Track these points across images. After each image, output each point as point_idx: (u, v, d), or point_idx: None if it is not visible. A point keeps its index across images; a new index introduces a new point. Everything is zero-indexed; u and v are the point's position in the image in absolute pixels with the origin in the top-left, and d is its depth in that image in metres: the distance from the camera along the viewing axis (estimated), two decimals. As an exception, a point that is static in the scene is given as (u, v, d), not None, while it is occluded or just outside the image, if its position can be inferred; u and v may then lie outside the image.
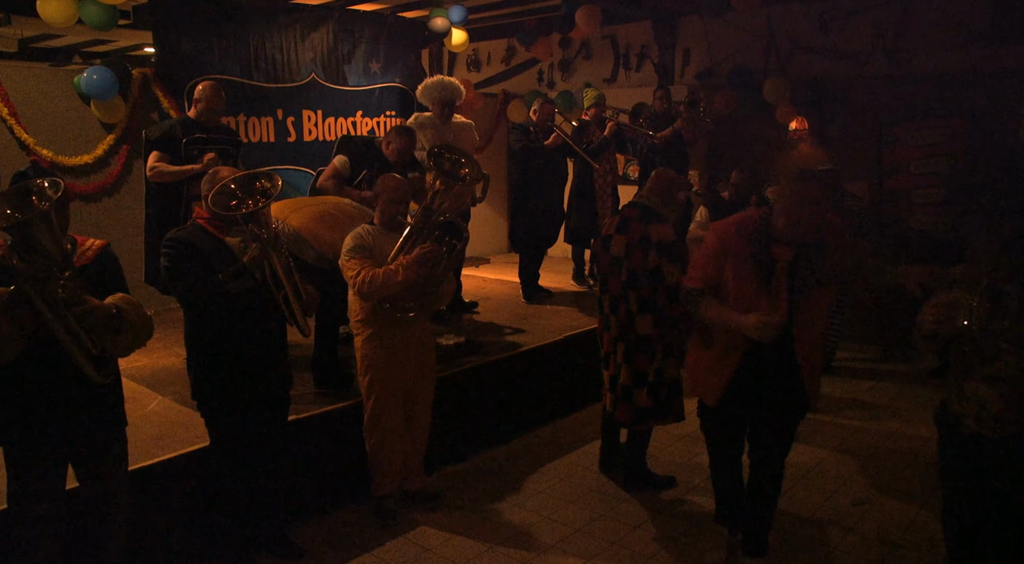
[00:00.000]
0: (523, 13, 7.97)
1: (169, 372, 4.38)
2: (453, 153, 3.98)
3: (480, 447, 4.71)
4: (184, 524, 3.37)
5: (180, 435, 3.56)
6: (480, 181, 4.10)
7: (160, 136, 4.54)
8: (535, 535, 3.73)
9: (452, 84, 5.54)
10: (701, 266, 3.07)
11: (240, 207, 3.02)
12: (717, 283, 3.02)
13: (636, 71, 8.58)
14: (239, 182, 3.09)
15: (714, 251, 3.03)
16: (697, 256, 3.12)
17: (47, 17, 5.11)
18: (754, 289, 2.94)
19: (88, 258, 2.63)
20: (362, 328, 3.70)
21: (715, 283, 3.03)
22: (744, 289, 2.96)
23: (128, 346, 2.59)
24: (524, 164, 6.19)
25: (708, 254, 3.05)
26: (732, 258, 2.98)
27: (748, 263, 2.95)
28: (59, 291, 2.37)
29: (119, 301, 2.56)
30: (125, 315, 2.52)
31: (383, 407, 3.71)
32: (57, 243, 2.40)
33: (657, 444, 4.41)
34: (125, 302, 2.57)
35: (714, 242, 3.05)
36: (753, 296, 2.93)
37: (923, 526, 3.80)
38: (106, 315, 2.47)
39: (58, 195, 2.39)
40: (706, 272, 3.04)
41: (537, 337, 5.30)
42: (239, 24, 5.98)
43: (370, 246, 3.59)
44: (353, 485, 3.96)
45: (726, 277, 3.00)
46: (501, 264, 8.14)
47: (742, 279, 2.96)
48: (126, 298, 2.60)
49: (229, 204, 3.02)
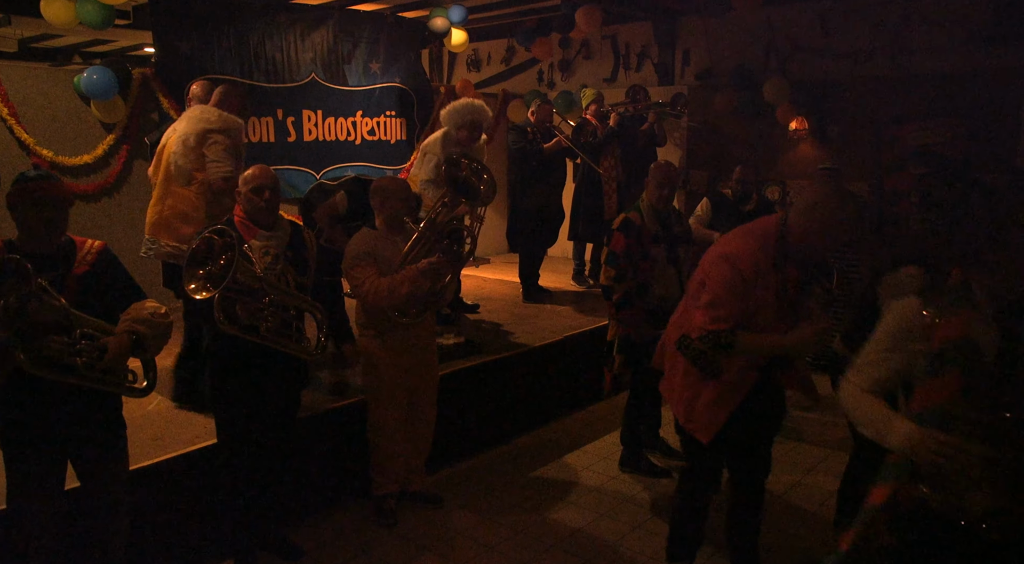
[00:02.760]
0: (523, 13, 7.97)
1: (170, 372, 4.36)
2: (472, 163, 3.89)
3: (480, 447, 4.71)
4: (184, 524, 3.37)
5: (180, 435, 3.56)
6: (489, 202, 4.03)
7: (160, 138, 4.54)
8: (535, 535, 3.73)
9: (481, 107, 5.31)
10: (728, 303, 2.67)
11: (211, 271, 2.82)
12: (744, 318, 2.70)
13: (636, 71, 8.58)
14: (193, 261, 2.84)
15: (743, 283, 2.67)
16: (721, 294, 2.69)
17: (50, 18, 5.11)
18: (773, 312, 2.72)
19: (88, 263, 2.59)
20: (364, 329, 3.70)
21: (742, 318, 2.70)
22: (765, 314, 2.71)
23: (155, 353, 2.69)
24: (522, 165, 6.20)
25: (736, 289, 2.67)
26: (761, 285, 2.68)
27: (774, 285, 2.70)
28: (78, 361, 2.40)
29: (132, 324, 2.54)
30: (142, 334, 2.54)
31: (385, 408, 3.71)
32: (57, 310, 2.36)
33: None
34: (139, 322, 2.55)
35: (743, 274, 2.67)
36: (771, 320, 2.72)
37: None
38: (127, 349, 2.52)
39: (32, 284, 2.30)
40: (736, 309, 2.68)
41: (537, 337, 5.30)
42: (239, 24, 5.98)
43: (372, 251, 3.55)
44: (353, 485, 3.96)
45: (753, 308, 2.71)
46: (501, 264, 8.13)
47: (765, 303, 2.71)
48: (138, 316, 2.57)
49: (198, 274, 2.83)
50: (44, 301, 2.32)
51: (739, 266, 2.67)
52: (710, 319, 2.68)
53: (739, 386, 2.83)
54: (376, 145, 7.00)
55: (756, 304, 2.70)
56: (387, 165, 7.05)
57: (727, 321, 2.66)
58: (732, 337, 2.65)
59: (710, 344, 2.69)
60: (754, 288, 2.67)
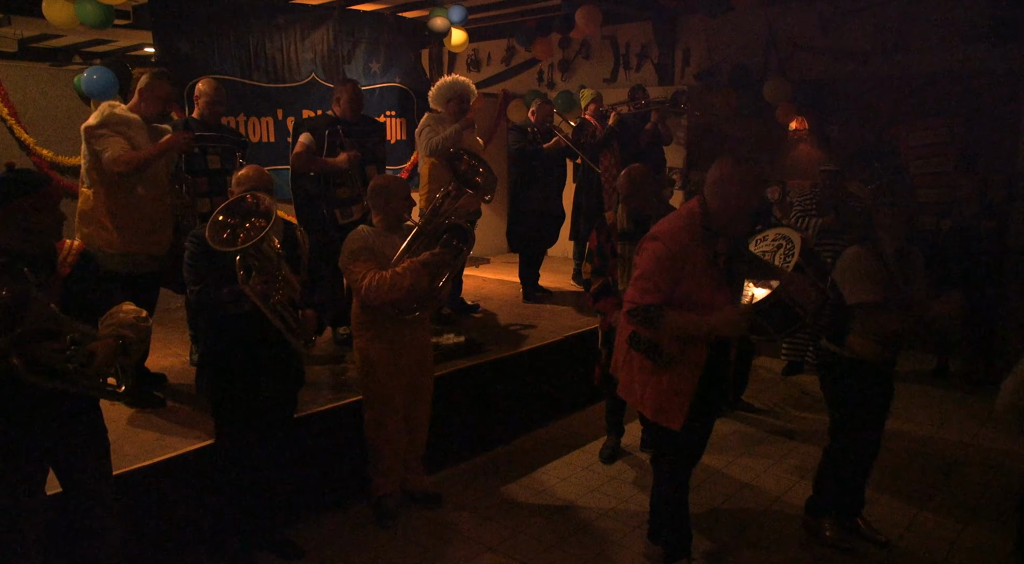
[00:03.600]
0: (523, 13, 7.98)
1: (169, 372, 4.37)
2: (472, 159, 3.95)
3: (480, 447, 4.71)
4: (184, 524, 3.37)
5: (180, 435, 3.55)
6: (493, 191, 4.08)
7: None
8: (535, 535, 3.73)
9: (465, 82, 5.56)
10: (655, 276, 2.78)
11: (234, 240, 2.90)
12: (672, 294, 2.80)
13: (636, 71, 8.58)
14: (227, 210, 2.95)
15: (671, 259, 2.78)
16: (649, 267, 2.81)
17: (52, 18, 5.11)
18: (711, 288, 2.80)
19: (69, 265, 2.54)
20: (362, 329, 3.69)
21: (671, 295, 2.80)
22: (702, 291, 2.80)
23: (136, 358, 2.65)
24: (522, 165, 6.20)
25: (664, 264, 2.78)
26: (690, 262, 2.79)
27: (703, 261, 2.80)
28: (69, 367, 2.35)
29: (117, 329, 2.50)
30: (127, 340, 2.51)
31: (383, 407, 3.71)
32: (47, 314, 2.32)
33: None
34: (124, 327, 2.52)
35: (670, 250, 2.78)
36: (709, 296, 2.79)
37: (923, 526, 3.80)
38: (113, 355, 2.46)
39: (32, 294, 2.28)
40: (663, 284, 2.78)
41: (537, 337, 5.30)
42: (239, 24, 5.98)
43: (372, 247, 3.55)
44: (353, 485, 3.96)
45: (682, 284, 2.80)
46: (501, 264, 8.14)
47: (699, 280, 2.80)
48: (124, 320, 2.54)
49: (222, 237, 2.89)
50: (39, 305, 2.29)
51: (666, 242, 2.79)
52: (639, 292, 2.80)
53: (693, 365, 2.88)
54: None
55: (689, 282, 2.79)
56: (387, 165, 7.04)
57: (654, 294, 2.77)
58: (659, 312, 2.74)
59: (639, 318, 2.78)
60: (682, 263, 2.77)
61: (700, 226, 2.82)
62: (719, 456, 4.59)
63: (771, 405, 5.53)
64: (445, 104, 5.45)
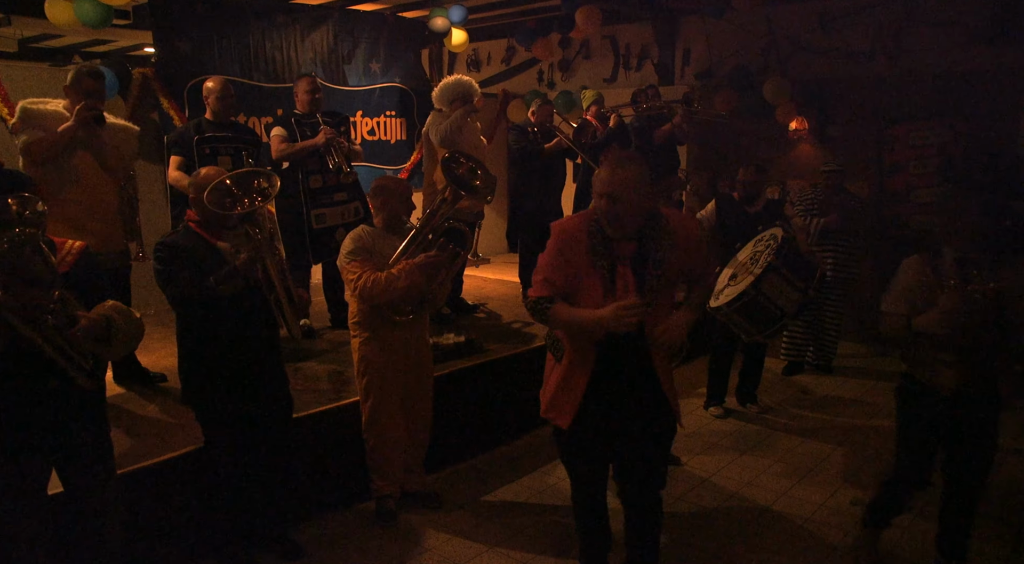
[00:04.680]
0: (523, 13, 7.98)
1: (169, 372, 4.37)
2: (469, 161, 3.96)
3: (481, 447, 4.71)
4: (184, 524, 3.37)
5: (179, 435, 3.55)
6: (492, 193, 4.08)
7: (176, 139, 4.61)
8: (535, 535, 3.73)
9: (469, 81, 5.57)
10: (547, 270, 2.77)
11: (235, 206, 3.00)
12: (566, 290, 2.76)
13: (636, 71, 8.58)
14: (236, 180, 3.07)
15: (560, 254, 2.75)
16: (543, 261, 2.80)
17: (54, 18, 5.11)
18: (602, 291, 2.71)
19: (68, 264, 2.55)
20: (360, 329, 3.70)
21: (564, 290, 2.76)
22: (594, 293, 2.72)
23: (118, 352, 2.60)
24: (522, 165, 6.19)
25: (555, 257, 2.76)
26: (575, 259, 2.74)
27: (590, 262, 2.73)
28: (48, 319, 2.33)
29: (108, 310, 2.51)
30: (114, 324, 2.49)
31: (381, 408, 3.71)
32: (47, 265, 2.34)
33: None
34: (115, 311, 2.52)
35: (558, 244, 2.76)
36: (602, 299, 2.69)
37: (921, 526, 3.79)
38: (97, 330, 2.44)
39: (43, 218, 2.35)
40: (555, 277, 2.75)
41: (537, 337, 5.29)
42: (239, 24, 5.98)
43: (370, 248, 3.57)
44: (353, 485, 3.96)
45: (574, 282, 2.75)
46: (501, 264, 8.13)
47: (590, 281, 2.73)
48: (116, 306, 2.55)
49: (224, 202, 2.99)
50: (36, 251, 2.30)
51: (559, 236, 2.78)
52: (534, 284, 2.81)
53: (582, 363, 2.81)
54: (376, 145, 7.00)
55: (582, 277, 2.73)
56: (387, 165, 7.04)
57: (545, 287, 2.76)
58: (549, 304, 2.74)
59: (532, 309, 2.79)
60: (571, 256, 2.73)
61: (593, 225, 2.75)
62: (719, 456, 4.59)
63: (771, 405, 5.53)
64: (449, 104, 5.45)
